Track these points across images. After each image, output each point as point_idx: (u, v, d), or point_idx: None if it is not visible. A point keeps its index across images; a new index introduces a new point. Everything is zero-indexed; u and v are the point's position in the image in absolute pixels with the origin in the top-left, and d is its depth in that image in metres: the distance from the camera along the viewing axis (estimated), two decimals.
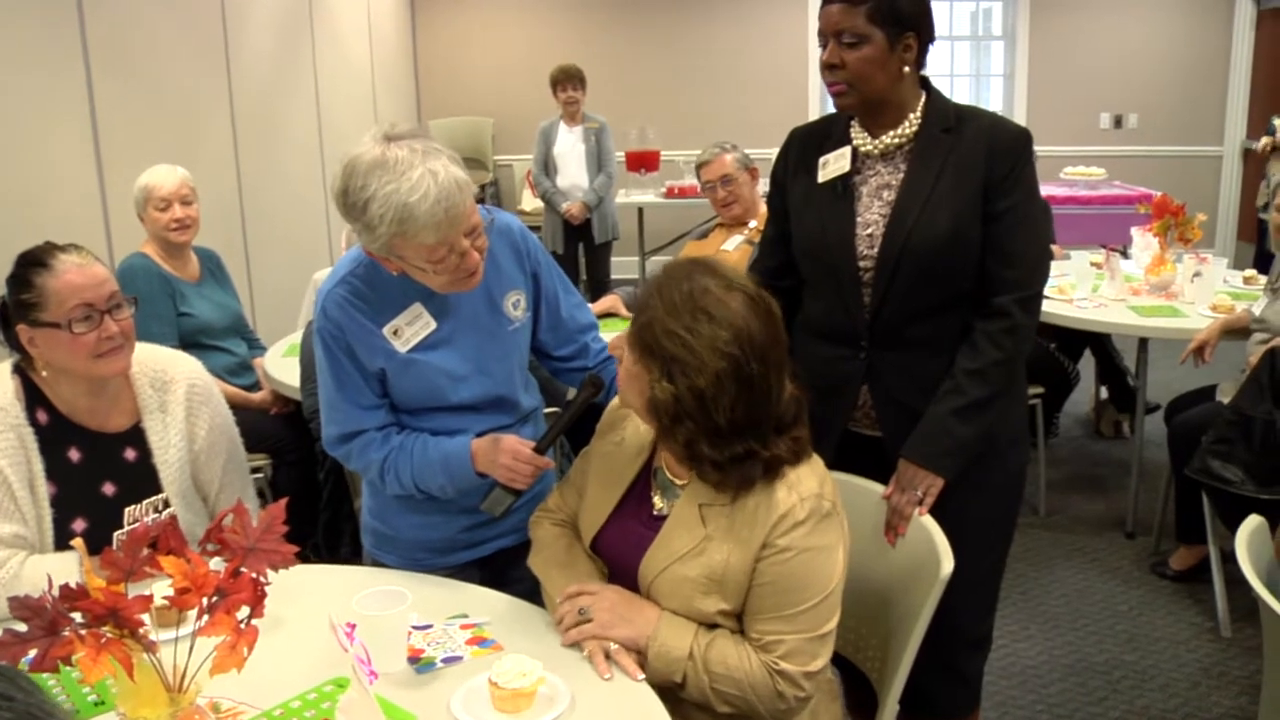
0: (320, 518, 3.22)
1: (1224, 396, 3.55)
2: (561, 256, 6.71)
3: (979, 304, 2.04)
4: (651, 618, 1.72)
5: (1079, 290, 4.20)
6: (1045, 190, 5.98)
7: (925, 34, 2.04)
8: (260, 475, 3.48)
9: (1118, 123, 8.47)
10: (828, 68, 2.03)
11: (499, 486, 1.99)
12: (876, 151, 2.11)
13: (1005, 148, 2.01)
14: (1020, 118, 8.43)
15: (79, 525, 2.05)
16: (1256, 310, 3.63)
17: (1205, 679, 3.13)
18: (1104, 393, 5.11)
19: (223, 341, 3.64)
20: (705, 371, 1.61)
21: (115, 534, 2.00)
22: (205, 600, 1.37)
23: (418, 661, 1.73)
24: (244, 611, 1.39)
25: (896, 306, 2.06)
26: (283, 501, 1.48)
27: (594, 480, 1.91)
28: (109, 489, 2.09)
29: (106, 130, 3.91)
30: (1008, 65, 8.50)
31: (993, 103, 8.70)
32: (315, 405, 2.93)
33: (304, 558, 3.42)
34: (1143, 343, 3.99)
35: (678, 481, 1.80)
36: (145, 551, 1.37)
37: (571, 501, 1.98)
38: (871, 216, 2.09)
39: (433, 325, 2.01)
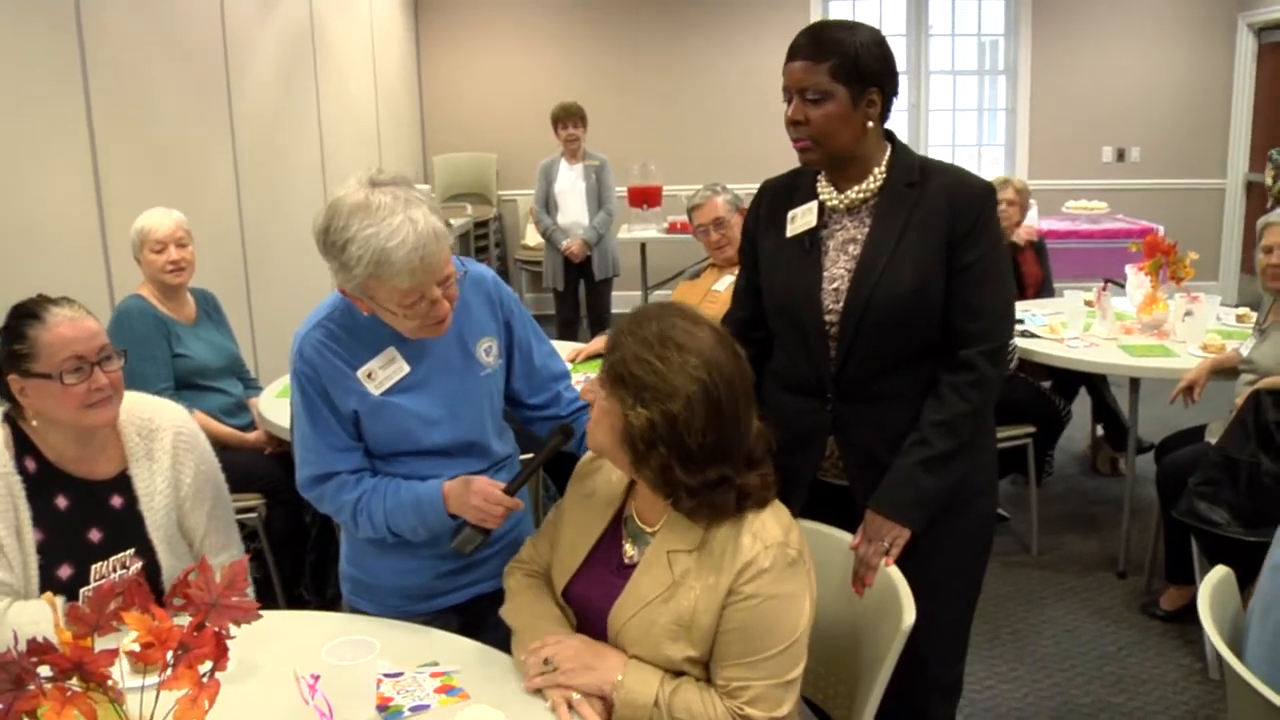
0: (307, 560, 3.25)
1: (1212, 437, 3.56)
2: (562, 293, 6.78)
3: (945, 357, 2.07)
4: (616, 665, 1.75)
5: (1070, 329, 4.23)
6: (1046, 224, 6.04)
7: (888, 89, 2.08)
8: (254, 515, 3.53)
9: (1120, 156, 8.51)
10: (792, 124, 2.07)
11: (469, 526, 2.03)
12: (842, 206, 2.15)
13: (967, 203, 2.05)
14: (1023, 152, 8.48)
15: (65, 571, 2.09)
16: (1245, 351, 3.66)
17: None
18: (1100, 430, 5.13)
19: (218, 382, 3.69)
20: (677, 396, 1.67)
21: (81, 590, 2.04)
22: (169, 654, 1.41)
23: (386, 709, 1.76)
24: (206, 666, 1.42)
25: (861, 360, 2.09)
26: (244, 559, 1.52)
27: (566, 531, 1.94)
28: (95, 535, 2.14)
29: (107, 171, 3.98)
30: (1010, 100, 8.55)
31: (997, 137, 8.75)
32: None
33: (299, 598, 3.48)
34: (1134, 382, 4.01)
35: (648, 529, 1.83)
36: (112, 606, 1.41)
37: (544, 552, 2.01)
38: (837, 271, 2.12)
39: (406, 369, 2.06)
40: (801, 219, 2.18)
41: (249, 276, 5.28)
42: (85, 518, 2.13)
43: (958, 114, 8.83)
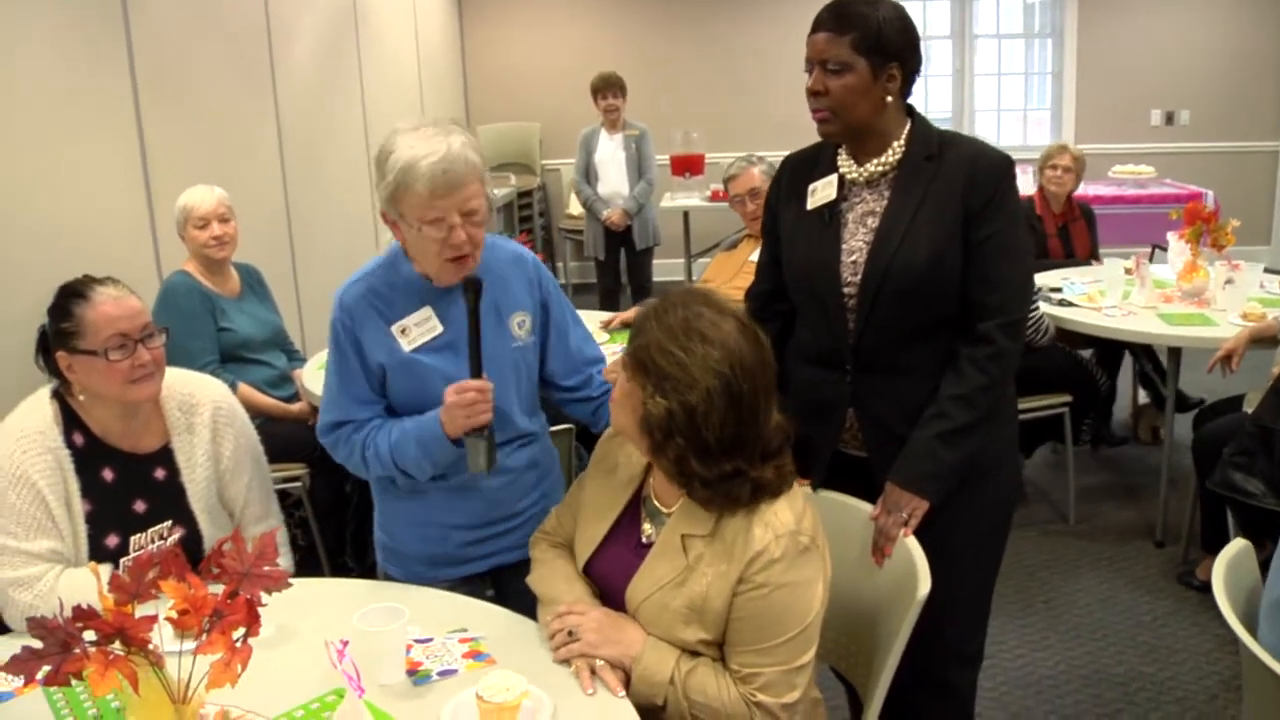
0: (348, 528, 3.34)
1: (1249, 407, 3.54)
2: (604, 262, 6.83)
3: (963, 330, 2.09)
4: (637, 639, 1.80)
5: (1109, 298, 4.20)
6: (1092, 189, 5.97)
7: (910, 65, 2.09)
8: (299, 484, 3.63)
9: (1169, 119, 8.37)
10: (812, 94, 2.10)
11: (467, 438, 2.07)
12: (861, 179, 2.16)
13: (985, 176, 2.06)
14: (1069, 116, 8.37)
15: (112, 541, 2.18)
16: None
17: (1224, 692, 3.14)
18: (1142, 397, 5.09)
19: (263, 355, 3.78)
20: (697, 388, 1.69)
21: (121, 560, 2.13)
22: (204, 621, 1.48)
23: (415, 674, 1.83)
24: (239, 632, 1.49)
25: (879, 332, 2.12)
26: (274, 531, 1.58)
27: (587, 507, 1.99)
28: (140, 506, 2.23)
29: (154, 151, 4.07)
30: (1055, 63, 8.43)
31: (1043, 101, 8.64)
32: None
33: (343, 565, 3.58)
34: (1173, 351, 3.98)
35: (664, 510, 1.87)
36: (150, 575, 1.48)
37: (567, 524, 2.07)
38: (856, 244, 2.15)
39: (439, 329, 2.14)
40: (821, 192, 2.20)
41: (294, 251, 5.37)
42: (131, 489, 2.21)
43: (1003, 78, 8.71)
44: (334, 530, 3.74)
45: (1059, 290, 4.33)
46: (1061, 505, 4.32)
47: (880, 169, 2.14)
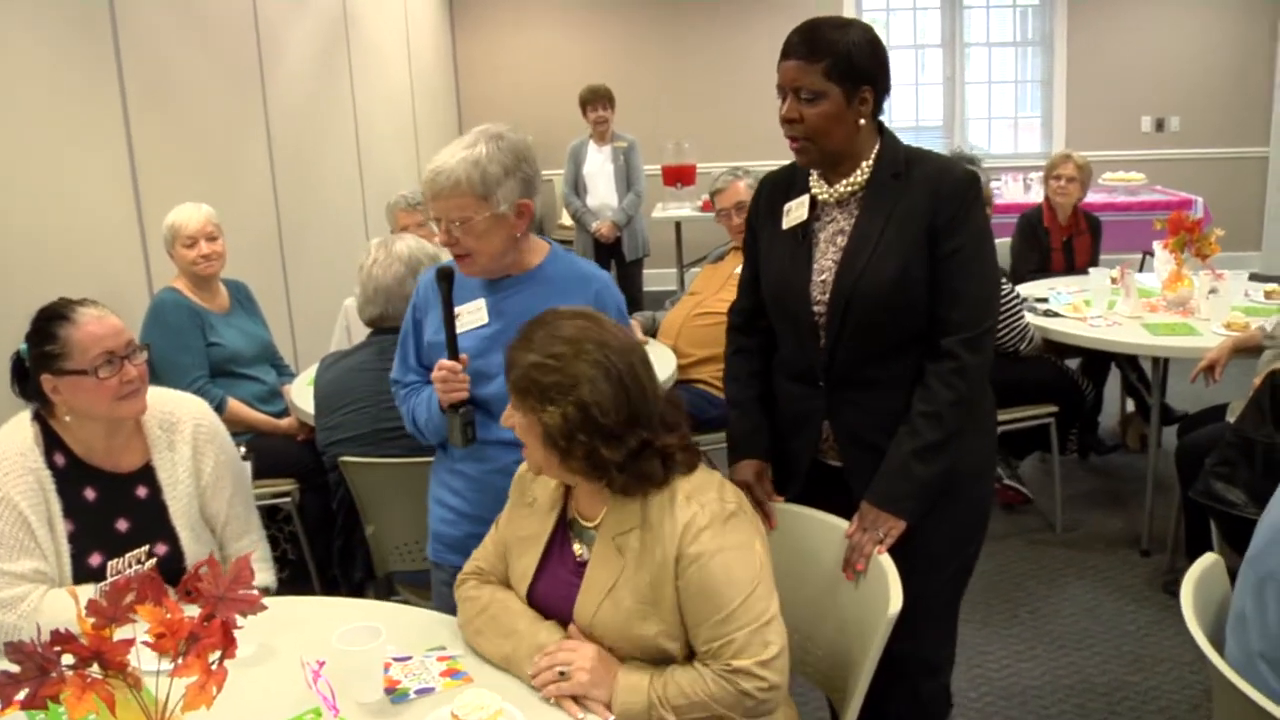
0: (334, 545, 3.36)
1: (1232, 416, 3.56)
2: None
3: (929, 346, 2.12)
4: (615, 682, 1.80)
5: (1094, 307, 4.23)
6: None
7: (881, 85, 2.12)
8: (288, 499, 3.64)
9: (1159, 126, 8.41)
10: (786, 121, 2.12)
11: (447, 412, 2.25)
12: (832, 199, 2.19)
13: (950, 192, 2.09)
14: (1059, 123, 8.40)
15: (95, 560, 2.20)
16: (1269, 326, 3.64)
17: (1206, 701, 3.15)
18: (1130, 406, 5.12)
19: (252, 370, 3.81)
20: (580, 384, 1.76)
21: (97, 586, 2.14)
22: (180, 644, 1.50)
23: (393, 692, 1.85)
24: (215, 654, 1.51)
25: (849, 348, 2.15)
26: (249, 554, 1.60)
27: (514, 542, 2.01)
28: (122, 525, 2.25)
29: (144, 166, 4.09)
30: (1045, 71, 8.46)
31: (1034, 108, 8.67)
32: (330, 437, 3.08)
33: (333, 580, 3.59)
34: (1156, 360, 4.01)
35: (590, 525, 1.91)
36: (127, 600, 1.50)
37: (496, 562, 2.05)
38: (826, 263, 2.18)
39: (484, 320, 2.28)
40: (794, 213, 2.23)
41: (286, 265, 5.39)
42: (113, 508, 2.24)
43: (994, 86, 8.74)
44: (324, 544, 3.74)
45: (1045, 300, 4.35)
46: (1049, 514, 4.34)
47: (849, 189, 2.17)
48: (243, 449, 3.47)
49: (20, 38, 3.49)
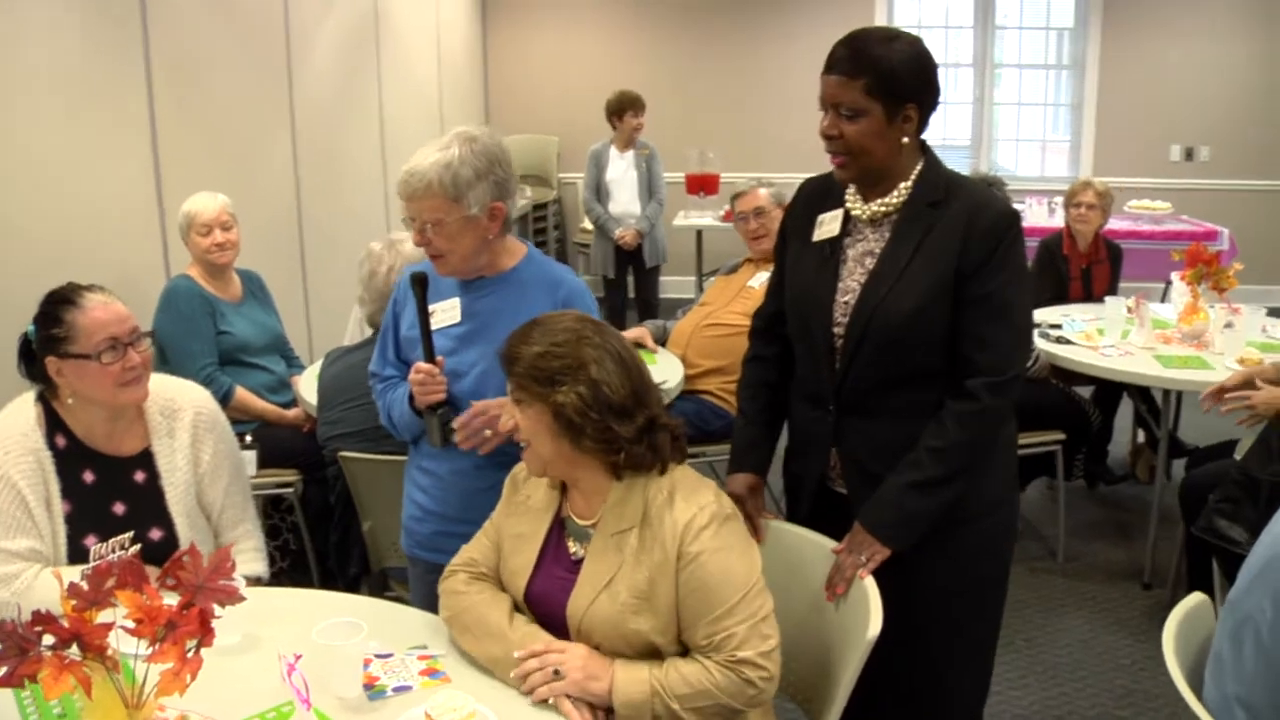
0: (331, 538, 3.38)
1: (1240, 453, 3.53)
2: (612, 281, 6.87)
3: (951, 383, 2.06)
4: (612, 674, 1.81)
5: (1107, 337, 4.21)
6: (1108, 223, 5.96)
7: (926, 103, 2.05)
8: (291, 490, 3.67)
9: (1189, 155, 8.35)
10: (826, 137, 2.06)
11: (424, 412, 2.29)
12: (865, 217, 2.13)
13: (984, 231, 2.02)
14: (1088, 148, 8.36)
15: (90, 541, 2.23)
16: None
17: None
18: (1141, 436, 5.09)
19: (261, 359, 3.84)
20: (585, 364, 1.82)
21: (80, 569, 2.17)
22: (157, 630, 1.52)
23: (372, 688, 1.86)
24: (192, 643, 1.53)
25: (861, 375, 2.10)
26: (229, 546, 1.62)
27: (508, 539, 2.03)
28: (119, 508, 2.28)
29: (167, 154, 4.14)
30: (1075, 95, 8.43)
31: (1062, 132, 8.63)
32: (330, 432, 3.10)
33: (332, 572, 3.61)
34: (1168, 392, 3.98)
35: (586, 523, 1.93)
36: (108, 585, 1.52)
37: (490, 556, 2.06)
38: (851, 283, 2.12)
39: (456, 319, 2.32)
40: (827, 225, 2.18)
41: (305, 256, 5.43)
42: (110, 492, 2.27)
43: (1023, 108, 8.71)
44: (324, 536, 3.77)
45: (1058, 326, 4.33)
46: (1051, 542, 4.32)
47: (884, 209, 2.11)
48: (248, 437, 3.53)
49: (49, 24, 3.53)
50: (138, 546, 2.22)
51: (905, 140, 2.05)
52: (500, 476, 2.20)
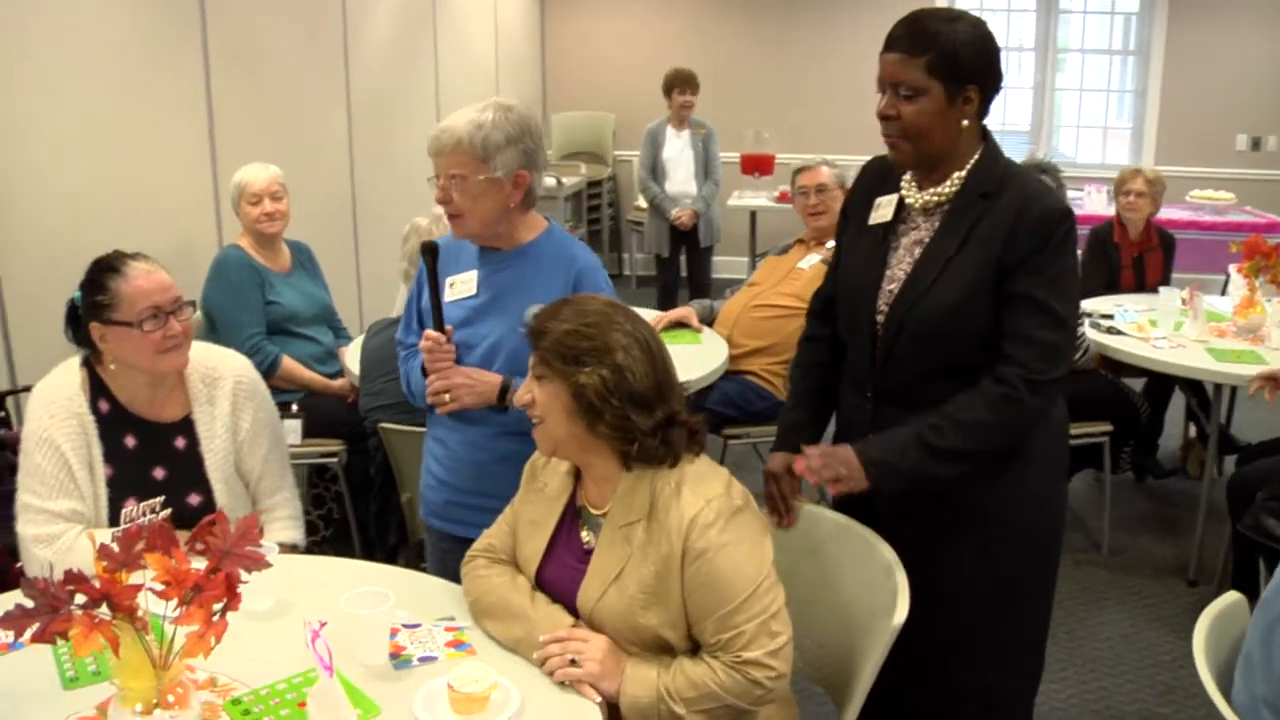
0: (370, 508, 3.43)
1: None
2: (666, 259, 6.87)
3: (991, 368, 2.01)
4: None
5: (1160, 328, 4.13)
6: (1166, 213, 5.84)
7: (988, 86, 2.00)
8: (335, 460, 3.72)
9: (1255, 145, 8.14)
10: (883, 118, 2.01)
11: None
12: (918, 205, 2.09)
13: (1030, 228, 1.96)
14: (1150, 135, 8.19)
15: (130, 505, 2.28)
16: None
17: None
18: (1193, 430, 5.00)
19: (309, 330, 3.89)
20: (613, 349, 1.81)
21: (111, 531, 2.22)
22: (184, 594, 1.55)
23: (398, 658, 1.89)
24: (218, 606, 1.56)
25: (900, 365, 2.07)
26: (257, 514, 1.65)
27: (523, 524, 2.03)
28: (159, 473, 2.33)
29: (222, 127, 4.20)
30: (1140, 81, 8.25)
31: (1123, 117, 8.46)
32: (371, 403, 3.14)
33: (370, 542, 3.66)
34: (1219, 386, 3.91)
35: (599, 513, 1.93)
36: (137, 548, 1.56)
37: (507, 541, 2.07)
38: (898, 272, 2.09)
39: (472, 291, 2.34)
40: (881, 210, 2.14)
41: (358, 230, 5.48)
42: (151, 457, 2.32)
43: (1085, 94, 8.55)
44: (366, 505, 3.83)
45: (1110, 317, 4.26)
46: (1096, 534, 4.26)
47: (936, 198, 2.06)
48: (294, 407, 3.59)
49: (110, 2, 3.59)
50: (168, 511, 2.26)
51: (965, 123, 1.99)
52: (509, 450, 2.24)
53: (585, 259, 2.36)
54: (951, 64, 1.94)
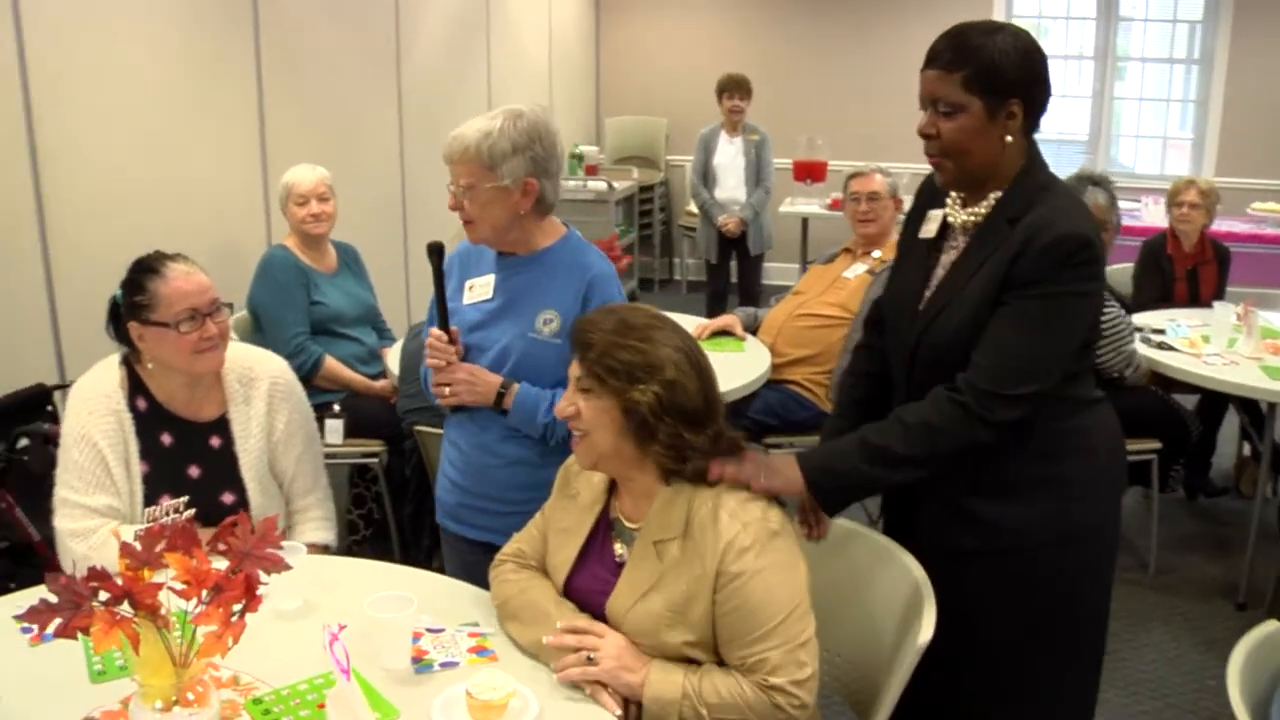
0: (404, 511, 3.45)
1: None
2: (715, 266, 6.85)
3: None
4: (646, 670, 1.80)
5: (1212, 344, 4.04)
6: (1226, 225, 5.71)
7: (1033, 98, 1.92)
8: (376, 460, 3.75)
9: None
10: (923, 136, 1.95)
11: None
12: (957, 223, 2.04)
13: (1037, 251, 1.87)
14: (1211, 146, 8.01)
15: (165, 502, 2.31)
16: None
17: None
18: (1247, 449, 4.88)
19: (353, 330, 3.92)
20: (667, 365, 1.79)
21: (134, 530, 2.25)
22: (204, 594, 1.56)
23: (420, 662, 1.89)
24: (238, 607, 1.57)
25: (919, 387, 2.01)
26: (275, 516, 1.65)
27: (555, 532, 2.02)
28: (194, 471, 2.36)
29: (273, 130, 4.25)
30: (1201, 90, 8.08)
31: (1184, 128, 8.30)
32: (408, 405, 3.16)
33: (408, 543, 3.69)
34: (1273, 405, 3.81)
35: (634, 527, 1.90)
36: (159, 547, 1.57)
37: (538, 546, 2.06)
38: (931, 292, 2.04)
39: (489, 295, 2.36)
40: (928, 225, 2.09)
41: (408, 232, 5.52)
42: (186, 455, 2.35)
43: (1145, 104, 8.39)
44: (404, 507, 3.85)
45: (1161, 332, 4.18)
46: (1143, 553, 4.17)
47: (973, 218, 1.99)
48: (336, 406, 3.62)
49: (165, 5, 3.65)
50: (193, 510, 2.30)
51: (1008, 139, 1.91)
52: (519, 454, 2.26)
53: (599, 267, 2.36)
54: (990, 78, 1.87)
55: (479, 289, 2.38)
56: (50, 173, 3.28)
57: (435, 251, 2.36)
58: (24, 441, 2.91)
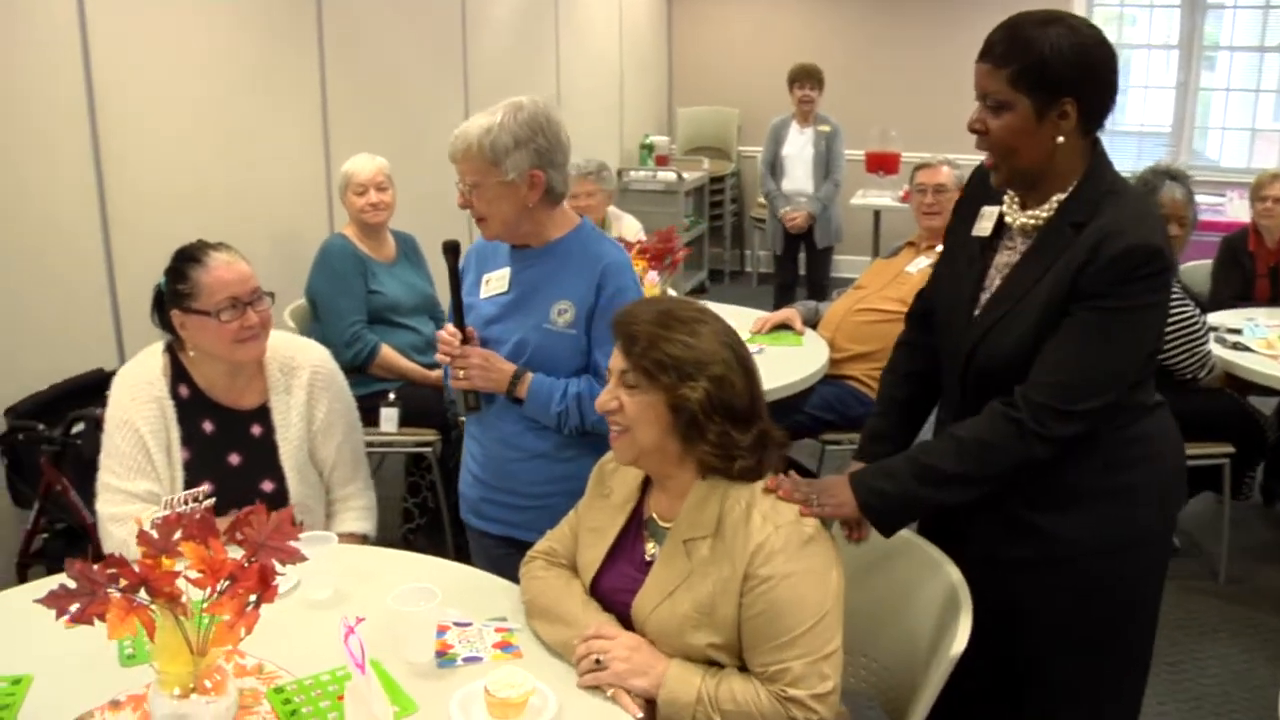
0: (454, 499, 3.44)
1: None
2: (781, 258, 6.79)
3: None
4: (661, 670, 1.77)
5: None
6: None
7: (1091, 97, 1.81)
8: (429, 449, 3.77)
9: None
10: (973, 132, 1.87)
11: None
12: (1015, 225, 1.93)
13: (1105, 262, 1.77)
14: None
15: (206, 489, 2.33)
16: None
17: None
18: None
19: (410, 319, 3.93)
20: (716, 360, 1.75)
21: (150, 519, 2.26)
22: (219, 584, 1.57)
23: (444, 656, 1.88)
24: (252, 597, 1.57)
25: (973, 394, 1.93)
26: (290, 509, 1.65)
27: (585, 530, 2.00)
28: (235, 459, 2.38)
29: (336, 119, 4.29)
30: None
31: (1276, 119, 8.00)
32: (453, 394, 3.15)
33: (456, 532, 3.68)
34: None
35: (666, 524, 1.86)
36: (175, 536, 1.58)
37: (569, 544, 2.04)
38: (984, 297, 1.96)
39: (504, 289, 2.37)
40: (982, 223, 2.00)
41: (471, 226, 5.52)
42: (227, 442, 2.37)
43: (1232, 94, 8.10)
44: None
45: (1238, 332, 4.02)
46: (1213, 561, 4.03)
47: (1033, 221, 1.90)
48: (391, 395, 3.64)
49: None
50: (211, 500, 2.31)
51: (1060, 140, 1.81)
52: (539, 448, 2.27)
53: (612, 255, 2.33)
54: (1039, 75, 1.77)
55: (495, 283, 2.38)
56: (112, 163, 3.34)
57: (451, 250, 2.38)
58: (79, 426, 2.97)
